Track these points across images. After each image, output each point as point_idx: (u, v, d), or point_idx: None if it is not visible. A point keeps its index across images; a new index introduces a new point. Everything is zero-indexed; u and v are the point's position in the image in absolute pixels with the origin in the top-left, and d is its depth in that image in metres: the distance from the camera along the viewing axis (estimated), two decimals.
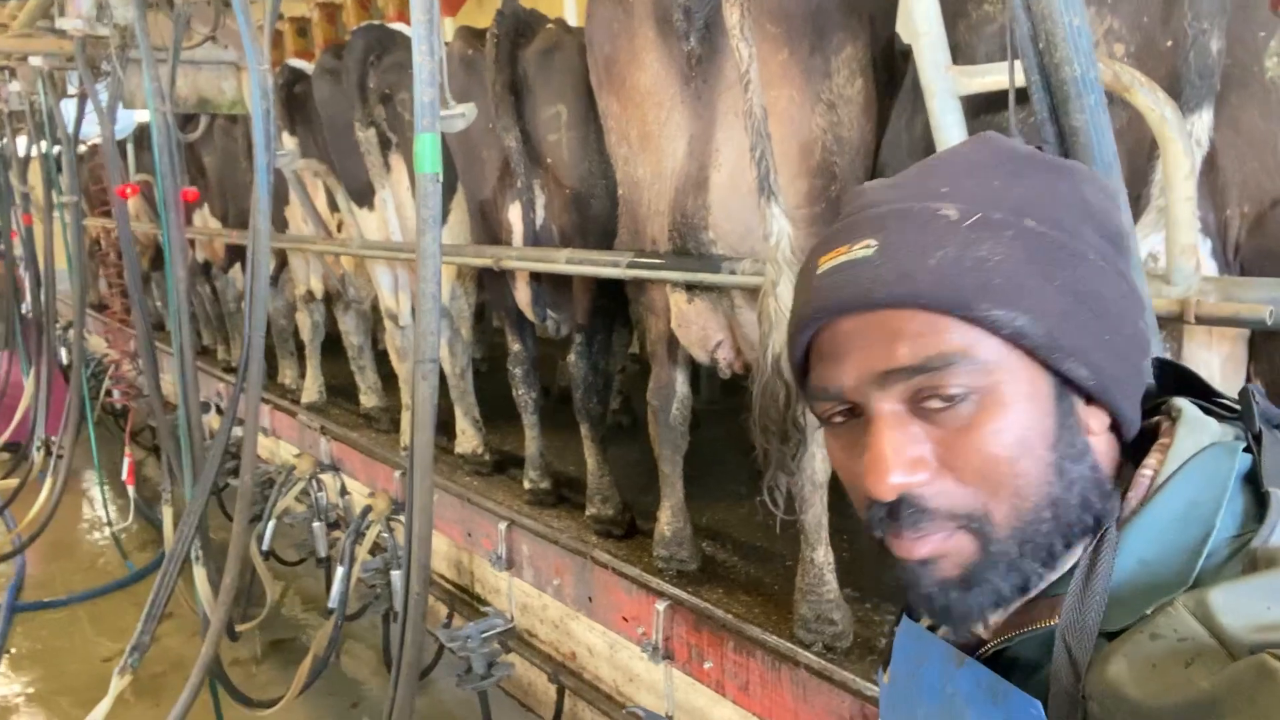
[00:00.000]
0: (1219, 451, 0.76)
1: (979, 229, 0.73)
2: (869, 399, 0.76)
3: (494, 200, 3.08)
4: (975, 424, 0.73)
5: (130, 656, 3.07)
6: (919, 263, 0.73)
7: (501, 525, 3.16)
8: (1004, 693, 0.74)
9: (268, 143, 2.71)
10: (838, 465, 0.84)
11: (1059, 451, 0.74)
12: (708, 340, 2.32)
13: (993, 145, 0.82)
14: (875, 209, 0.79)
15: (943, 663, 0.84)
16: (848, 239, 0.78)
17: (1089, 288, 0.75)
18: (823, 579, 2.23)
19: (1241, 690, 0.58)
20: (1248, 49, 1.39)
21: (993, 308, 0.72)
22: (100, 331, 8.21)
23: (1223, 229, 1.47)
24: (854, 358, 0.76)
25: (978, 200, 0.75)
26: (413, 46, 1.75)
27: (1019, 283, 0.72)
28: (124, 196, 3.85)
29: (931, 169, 0.82)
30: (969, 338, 0.72)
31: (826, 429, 0.84)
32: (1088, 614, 0.71)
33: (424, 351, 1.92)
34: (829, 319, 0.78)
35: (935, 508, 0.74)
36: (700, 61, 2.00)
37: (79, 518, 6.85)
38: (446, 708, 3.96)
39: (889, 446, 0.74)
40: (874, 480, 0.74)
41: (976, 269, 0.72)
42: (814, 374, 0.82)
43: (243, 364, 2.90)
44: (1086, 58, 1.16)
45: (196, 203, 5.79)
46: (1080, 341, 0.74)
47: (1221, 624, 0.63)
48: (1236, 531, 0.71)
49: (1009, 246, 0.73)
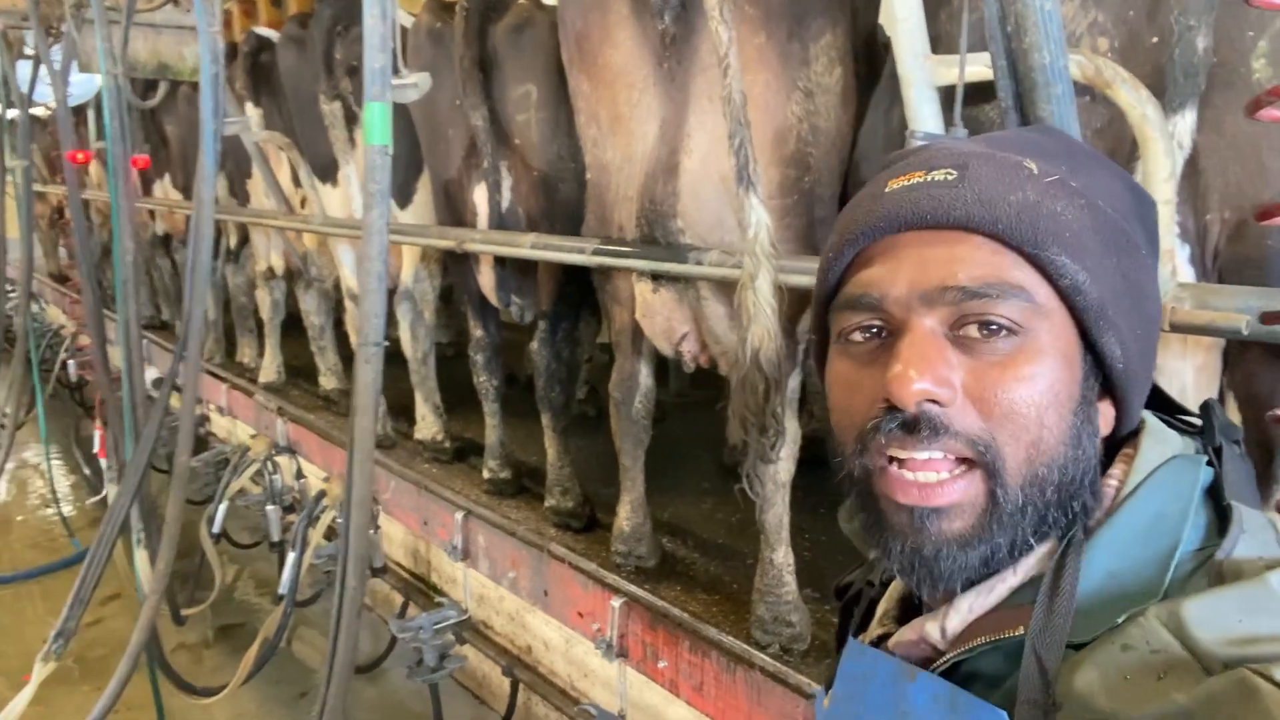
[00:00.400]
0: (1183, 464, 0.76)
1: (1056, 187, 0.74)
2: (911, 312, 0.74)
3: (459, 181, 2.99)
4: (1011, 362, 0.72)
5: (54, 643, 2.97)
6: (1001, 196, 0.73)
7: (458, 515, 3.09)
8: (964, 704, 0.71)
9: (216, 109, 2.60)
10: (839, 388, 0.80)
11: (1079, 419, 0.74)
12: (672, 332, 2.26)
13: (1056, 134, 0.85)
14: (950, 149, 0.79)
15: (893, 679, 0.79)
16: (925, 166, 0.77)
17: (1136, 279, 0.76)
18: (781, 580, 2.19)
19: (1221, 706, 0.57)
20: (1235, 49, 1.35)
21: (1061, 253, 0.72)
22: (60, 302, 8.01)
23: (1202, 234, 1.43)
24: (910, 267, 0.75)
25: (1053, 171, 0.76)
26: (364, 9, 1.65)
27: (1084, 244, 0.73)
28: (75, 162, 3.71)
29: (1000, 142, 0.82)
30: (1030, 278, 0.73)
31: (838, 349, 0.81)
32: (1057, 620, 0.69)
33: (368, 334, 1.83)
34: (895, 229, 0.77)
35: (956, 429, 0.72)
36: (675, 41, 1.93)
37: (27, 493, 6.68)
38: (399, 698, 3.88)
39: (922, 355, 0.72)
40: (899, 383, 0.72)
41: (1051, 218, 0.72)
42: (853, 282, 0.79)
43: (182, 338, 2.79)
44: (1057, 45, 1.11)
45: (158, 174, 5.64)
46: (1121, 321, 0.75)
47: (1195, 637, 0.62)
48: (1200, 544, 0.71)
49: (1080, 212, 0.74)
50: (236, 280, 5.08)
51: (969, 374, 0.72)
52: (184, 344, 2.84)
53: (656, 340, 2.33)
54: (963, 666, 0.76)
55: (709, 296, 2.14)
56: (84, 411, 7.27)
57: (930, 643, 0.80)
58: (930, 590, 0.77)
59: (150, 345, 5.84)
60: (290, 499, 4.20)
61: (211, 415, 5.34)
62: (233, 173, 4.62)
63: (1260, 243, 1.36)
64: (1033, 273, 0.73)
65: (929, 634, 0.79)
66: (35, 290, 8.07)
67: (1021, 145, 0.80)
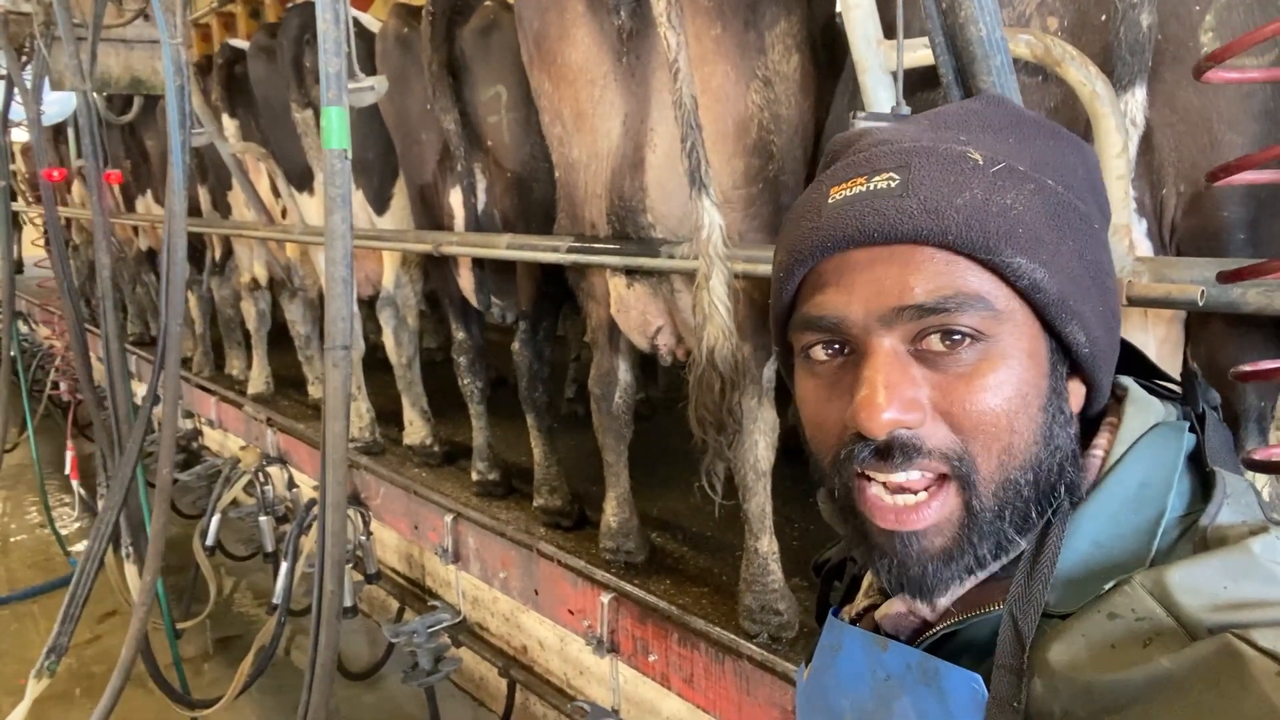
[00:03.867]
0: (1166, 431, 0.76)
1: (1004, 177, 0.72)
2: (870, 334, 0.73)
3: (434, 184, 2.99)
4: (977, 372, 0.71)
5: (46, 659, 2.96)
6: (947, 200, 0.70)
7: (447, 518, 3.10)
8: (935, 671, 0.72)
9: (183, 120, 2.59)
10: (809, 407, 0.79)
11: (1049, 414, 0.73)
12: (647, 326, 2.26)
13: (1003, 105, 0.80)
14: (894, 144, 0.76)
15: (865, 649, 0.81)
16: (864, 171, 0.75)
17: (1093, 256, 0.74)
18: (767, 569, 2.20)
19: (1205, 670, 0.57)
20: (1182, 24, 1.35)
21: (1016, 254, 0.70)
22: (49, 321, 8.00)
23: (1159, 209, 1.44)
24: (865, 290, 0.73)
25: (997, 152, 0.73)
26: (317, 13, 1.65)
27: (1039, 236, 0.71)
28: (50, 180, 3.70)
29: (943, 120, 0.79)
30: (986, 283, 0.71)
31: (803, 368, 0.80)
32: (1035, 588, 0.70)
33: (334, 338, 1.83)
34: (843, 248, 0.74)
35: (930, 447, 0.71)
36: (632, 36, 1.94)
37: (24, 513, 6.68)
38: (397, 703, 3.88)
39: (887, 381, 0.71)
40: (867, 414, 0.70)
41: (1002, 214, 0.70)
42: (810, 303, 0.77)
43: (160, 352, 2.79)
44: (992, 17, 1.11)
45: (140, 190, 5.63)
46: (1083, 307, 0.73)
47: (1180, 603, 0.62)
48: (1184, 511, 0.71)
49: (1030, 200, 0.71)
50: (222, 293, 5.07)
51: (935, 389, 0.72)
52: (162, 356, 2.83)
53: (632, 335, 2.33)
54: (954, 638, 0.77)
55: (683, 289, 2.15)
56: (77, 432, 7.27)
57: (919, 615, 0.80)
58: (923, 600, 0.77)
59: (140, 361, 5.84)
60: (283, 509, 4.20)
61: (203, 429, 5.35)
62: (214, 185, 4.62)
63: (1215, 215, 1.37)
64: (989, 277, 0.71)
65: (918, 606, 0.79)
66: (24, 310, 8.07)
67: (965, 121, 0.78)
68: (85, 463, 5.92)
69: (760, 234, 2.00)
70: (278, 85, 3.37)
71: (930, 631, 0.78)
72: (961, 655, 0.74)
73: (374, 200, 3.40)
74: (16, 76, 3.79)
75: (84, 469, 5.96)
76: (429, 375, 3.76)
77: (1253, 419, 1.43)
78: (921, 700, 0.74)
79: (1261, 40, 0.94)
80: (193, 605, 4.56)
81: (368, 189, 3.38)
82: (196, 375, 5.31)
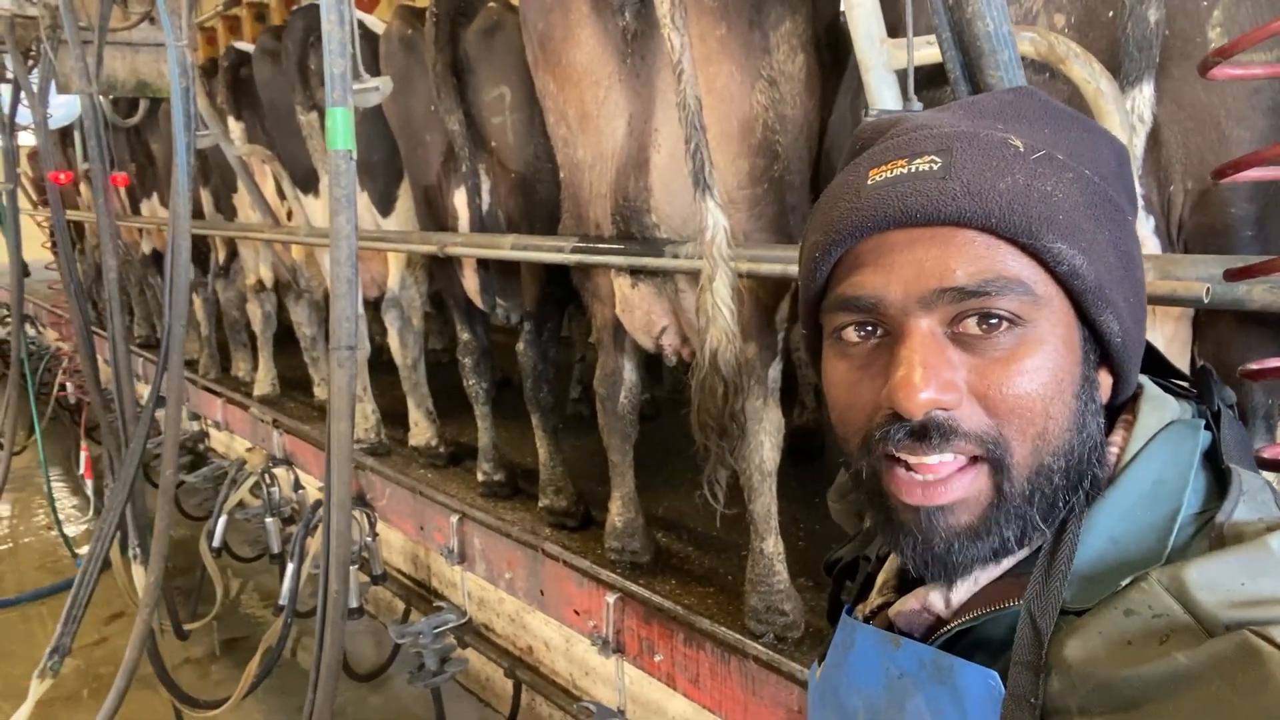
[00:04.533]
0: (1182, 429, 0.76)
1: (1044, 164, 0.72)
2: (909, 315, 0.72)
3: (439, 185, 2.99)
4: (1014, 356, 0.71)
5: (50, 660, 2.97)
6: (990, 184, 0.70)
7: (453, 518, 3.10)
8: (950, 668, 0.72)
9: (188, 123, 2.60)
10: (839, 389, 0.79)
11: (1082, 402, 0.73)
12: (652, 326, 2.26)
13: (1037, 96, 0.80)
14: (934, 129, 0.75)
15: (878, 646, 0.80)
16: (906, 154, 0.74)
17: (1126, 247, 0.75)
18: (773, 569, 2.19)
19: (1222, 667, 0.57)
20: (1190, 19, 1.34)
21: (1057, 240, 0.70)
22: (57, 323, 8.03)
23: (1166, 206, 1.43)
24: (905, 271, 0.72)
25: (1036, 141, 0.73)
26: (322, 15, 1.65)
27: (1078, 224, 0.71)
28: (57, 182, 3.71)
29: (980, 109, 0.79)
30: (1026, 269, 0.71)
31: (833, 348, 0.79)
32: (1052, 585, 0.70)
33: (339, 338, 1.83)
34: (883, 229, 0.74)
35: (965, 430, 0.71)
36: (637, 37, 1.94)
37: (32, 515, 6.70)
38: (404, 704, 3.88)
39: (925, 362, 0.70)
40: (905, 394, 0.70)
41: (1044, 201, 0.70)
42: (846, 283, 0.76)
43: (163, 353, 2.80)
44: (999, 12, 1.11)
45: (146, 193, 5.65)
46: (1117, 297, 0.73)
47: (1197, 600, 0.62)
48: (1200, 508, 0.71)
49: (1070, 188, 0.71)
50: (227, 295, 5.08)
51: (972, 372, 0.71)
52: (165, 357, 2.83)
53: (637, 335, 2.33)
54: (968, 635, 0.76)
55: (687, 289, 2.15)
56: (84, 433, 7.29)
57: (934, 612, 0.80)
58: (946, 580, 0.77)
59: (146, 363, 5.86)
60: (289, 511, 4.21)
61: (209, 431, 5.36)
62: (218, 187, 4.63)
63: (1223, 211, 1.36)
64: (1029, 262, 0.71)
65: (932, 603, 0.79)
66: (31, 313, 8.09)
67: (1001, 112, 0.78)
68: (94, 464, 5.93)
69: (765, 234, 2.00)
70: (282, 88, 3.38)
71: (945, 629, 0.78)
72: (975, 653, 0.74)
73: (379, 202, 3.40)
74: (23, 80, 3.80)
75: (93, 470, 5.98)
76: (434, 376, 3.76)
77: (1260, 417, 1.42)
78: (935, 697, 0.73)
79: (1268, 37, 0.94)
80: (200, 606, 4.57)
81: (373, 190, 3.38)
82: (203, 377, 5.32)
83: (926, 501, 0.73)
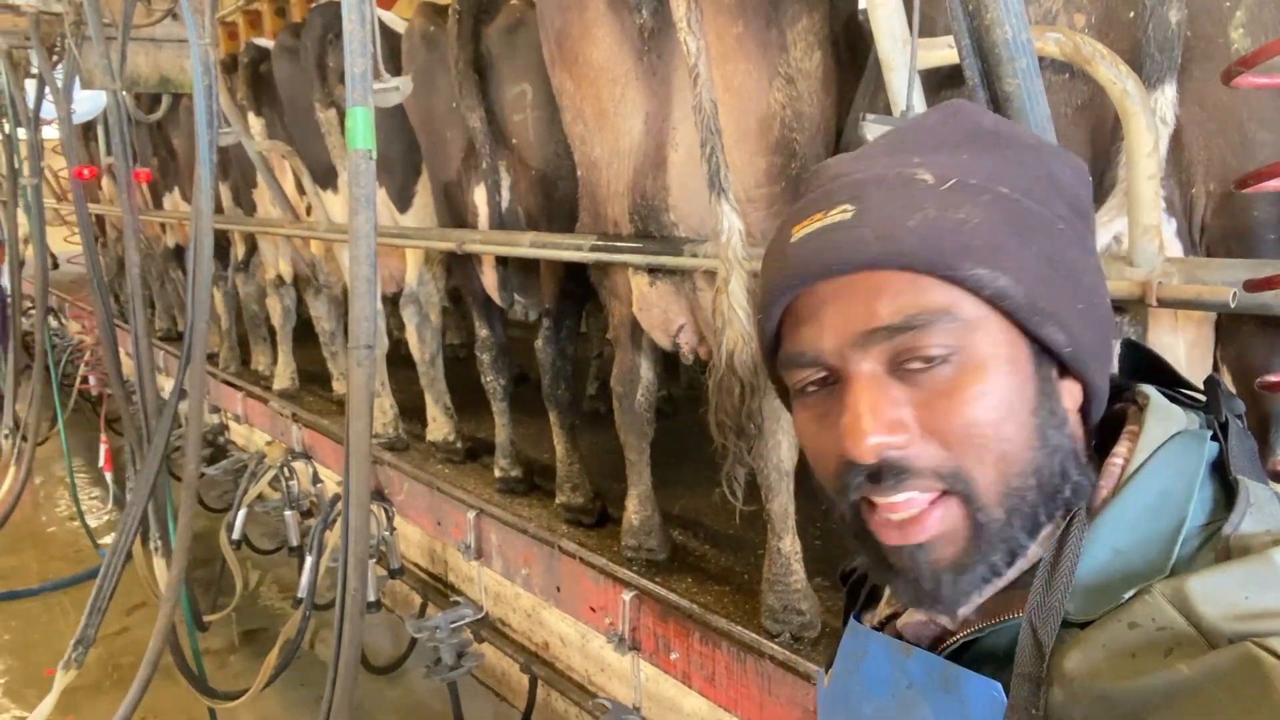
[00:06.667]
0: (1188, 440, 0.75)
1: (956, 192, 0.73)
2: (847, 361, 0.74)
3: (459, 182, 3.00)
4: (957, 386, 0.71)
5: (74, 650, 3.01)
6: (899, 224, 0.72)
7: (470, 514, 3.11)
8: (956, 678, 0.73)
9: (210, 119, 2.62)
10: (807, 439, 0.81)
11: (1040, 417, 0.73)
12: (669, 324, 2.26)
13: (960, 117, 0.81)
14: (847, 178, 0.78)
15: (889, 656, 0.81)
16: (822, 206, 0.76)
17: (1063, 256, 0.74)
18: (790, 568, 2.19)
19: (1224, 678, 0.58)
20: (1213, 20, 1.33)
21: (975, 266, 0.71)
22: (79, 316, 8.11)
23: (1188, 208, 1.41)
24: (833, 320, 0.74)
25: (950, 170, 0.74)
26: (342, 13, 1.66)
27: (998, 245, 0.71)
28: (81, 178, 3.75)
29: (899, 142, 0.81)
30: (951, 297, 0.72)
31: (797, 402, 0.82)
32: (1053, 597, 0.70)
33: (359, 337, 1.85)
34: (807, 283, 0.76)
35: (920, 467, 0.72)
36: (654, 35, 1.93)
37: (54, 505, 6.78)
38: (420, 698, 3.91)
39: (868, 406, 0.72)
40: (853, 441, 0.72)
41: (956, 230, 0.71)
42: (789, 341, 0.80)
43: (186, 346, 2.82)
44: (1018, 19, 1.10)
45: (168, 187, 5.69)
46: (1057, 307, 0.73)
47: (1200, 613, 0.62)
48: (1206, 520, 0.71)
49: (986, 210, 0.72)
50: (247, 289, 5.12)
51: (919, 408, 0.72)
52: (189, 351, 2.86)
53: (654, 333, 2.33)
54: (974, 646, 0.77)
55: (705, 288, 2.14)
56: (106, 425, 7.37)
57: (940, 623, 0.81)
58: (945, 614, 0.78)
59: (168, 357, 5.91)
60: (307, 504, 4.24)
61: (230, 424, 5.40)
62: (238, 182, 4.66)
63: (1246, 214, 1.35)
64: (953, 289, 0.71)
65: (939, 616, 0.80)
66: (54, 305, 8.18)
67: (919, 142, 0.79)
68: (114, 457, 6.00)
69: None
70: (301, 85, 3.40)
71: (951, 640, 0.78)
72: (983, 663, 0.74)
73: (397, 198, 3.41)
74: (48, 75, 3.84)
75: (114, 463, 6.04)
76: (452, 372, 3.77)
77: None
78: (942, 707, 0.74)
79: None
80: (219, 598, 4.61)
81: (391, 186, 3.40)
82: (223, 371, 5.37)
83: (905, 540, 0.74)
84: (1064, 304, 0.74)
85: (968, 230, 0.71)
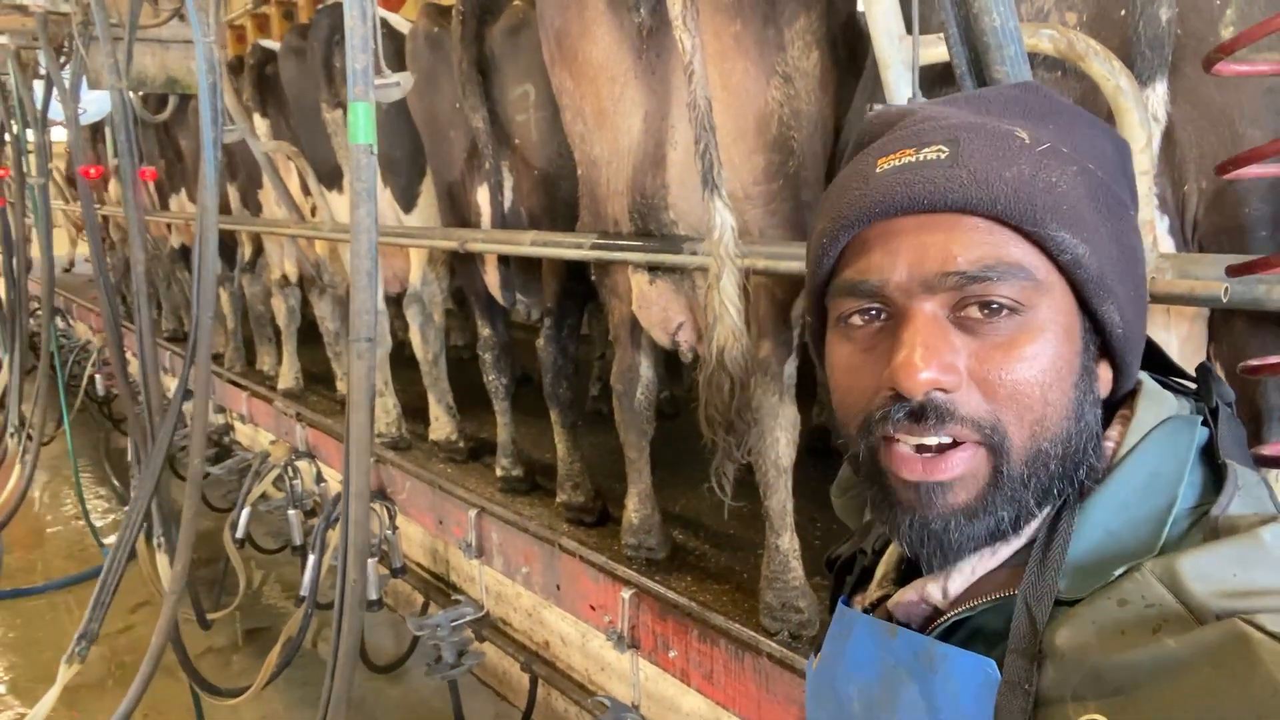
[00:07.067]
0: (1179, 424, 0.77)
1: (1049, 156, 0.73)
2: (912, 298, 0.74)
3: (462, 182, 3.03)
4: (1014, 343, 0.72)
5: (78, 645, 3.03)
6: (996, 172, 0.72)
7: (471, 513, 3.13)
8: (944, 656, 0.73)
9: (214, 118, 2.64)
10: (841, 372, 0.80)
11: (1079, 391, 0.74)
12: (669, 322, 2.27)
13: (1041, 92, 0.82)
14: (941, 120, 0.77)
15: (874, 636, 0.82)
16: (913, 144, 0.76)
17: (1129, 241, 0.76)
18: (788, 566, 2.20)
19: (1212, 653, 0.58)
20: (1204, 18, 1.34)
21: (1061, 229, 0.71)
22: (85, 316, 8.15)
23: (1181, 205, 1.42)
24: (908, 255, 0.74)
25: (1041, 136, 0.75)
26: (344, 10, 1.69)
27: (1082, 214, 0.72)
28: (88, 177, 3.78)
29: (986, 103, 0.81)
30: (1029, 255, 0.72)
31: (836, 332, 0.81)
32: (1047, 575, 0.71)
33: (359, 330, 1.86)
34: (891, 215, 0.75)
35: (963, 414, 0.72)
36: (652, 34, 1.95)
37: (60, 505, 6.81)
38: (422, 697, 3.92)
39: (927, 344, 0.72)
40: (906, 373, 0.71)
41: (1049, 190, 0.71)
42: (852, 268, 0.78)
43: (191, 346, 2.84)
44: (1006, 6, 1.11)
45: (174, 188, 5.73)
46: (1119, 288, 0.74)
47: (1189, 590, 0.63)
48: (1195, 502, 0.72)
49: (1074, 180, 0.73)
50: (253, 289, 5.14)
51: (972, 356, 0.72)
52: (193, 349, 2.88)
53: (653, 331, 2.34)
54: (965, 625, 0.77)
55: (704, 286, 2.15)
56: (112, 425, 7.39)
57: (931, 603, 0.81)
58: (940, 562, 0.78)
59: (173, 357, 5.94)
60: (311, 503, 4.26)
61: (234, 423, 5.43)
62: (244, 183, 4.69)
63: (1238, 210, 1.36)
64: (1032, 249, 0.72)
65: (930, 594, 0.80)
66: (61, 305, 8.22)
67: (1006, 106, 0.79)
68: (119, 456, 6.02)
69: (781, 230, 2.01)
70: (308, 85, 3.43)
71: (942, 619, 0.78)
72: (973, 643, 0.74)
73: (401, 198, 3.44)
74: (55, 75, 3.87)
75: (119, 462, 6.06)
76: (455, 371, 3.79)
77: (1275, 417, 1.41)
78: (929, 686, 0.74)
79: (1265, 34, 0.93)
80: (223, 597, 4.63)
81: (395, 187, 3.42)
82: (228, 371, 5.39)
83: (926, 476, 0.74)
84: (1124, 287, 0.75)
85: (1058, 193, 0.72)
